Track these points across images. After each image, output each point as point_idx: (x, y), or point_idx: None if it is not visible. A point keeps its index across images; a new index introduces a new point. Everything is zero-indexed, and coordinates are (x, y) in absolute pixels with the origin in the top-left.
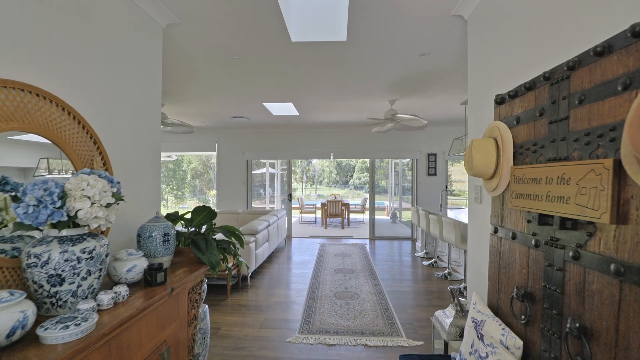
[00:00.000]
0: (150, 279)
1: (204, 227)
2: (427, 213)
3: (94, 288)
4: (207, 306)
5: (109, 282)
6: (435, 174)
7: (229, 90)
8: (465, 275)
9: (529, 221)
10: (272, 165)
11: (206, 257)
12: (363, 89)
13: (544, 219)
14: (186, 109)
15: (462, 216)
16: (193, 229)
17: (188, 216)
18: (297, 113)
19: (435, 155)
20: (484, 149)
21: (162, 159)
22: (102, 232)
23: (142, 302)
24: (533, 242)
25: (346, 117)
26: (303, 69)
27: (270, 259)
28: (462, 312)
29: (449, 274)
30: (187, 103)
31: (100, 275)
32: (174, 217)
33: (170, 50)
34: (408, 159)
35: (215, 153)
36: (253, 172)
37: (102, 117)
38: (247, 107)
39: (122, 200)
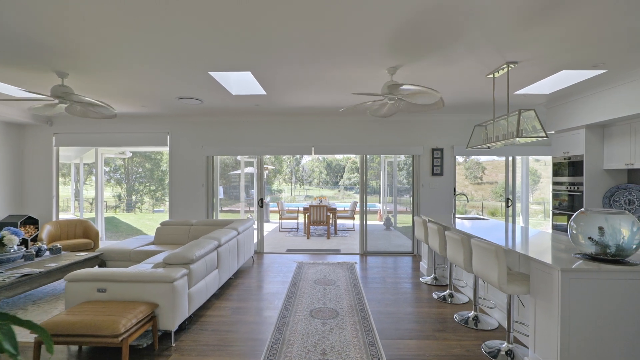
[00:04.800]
0: None
1: None
2: (441, 228)
3: None
4: None
5: None
6: (441, 174)
7: (140, 46)
8: (509, 328)
9: None
10: (251, 164)
11: None
12: (350, 44)
13: None
14: (107, 85)
15: (479, 228)
16: None
17: None
18: (264, 92)
19: (441, 150)
20: None
21: (110, 155)
22: None
23: None
24: None
25: (329, 100)
26: None
27: (223, 290)
28: None
29: (476, 318)
30: (102, 74)
31: None
32: None
33: None
34: (405, 156)
35: (167, 148)
36: (230, 173)
37: None
38: (190, 81)
39: None
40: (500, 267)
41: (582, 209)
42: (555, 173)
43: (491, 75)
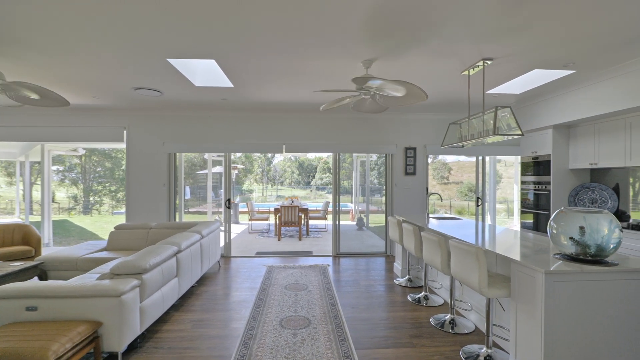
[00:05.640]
0: None
1: None
2: (416, 228)
3: None
4: None
5: None
6: (414, 173)
7: (82, 26)
8: (488, 332)
9: None
10: (220, 163)
11: None
12: (325, 31)
13: None
14: (49, 71)
15: (461, 228)
16: None
17: None
18: (231, 84)
19: (414, 149)
20: None
21: (61, 152)
22: None
23: None
24: None
25: (301, 95)
26: None
27: (184, 300)
28: None
29: (453, 321)
30: (41, 60)
31: None
32: None
33: None
34: (376, 156)
35: (124, 145)
36: (198, 172)
37: None
38: (147, 70)
39: None
40: (481, 269)
41: (562, 208)
42: (523, 172)
43: (466, 73)
